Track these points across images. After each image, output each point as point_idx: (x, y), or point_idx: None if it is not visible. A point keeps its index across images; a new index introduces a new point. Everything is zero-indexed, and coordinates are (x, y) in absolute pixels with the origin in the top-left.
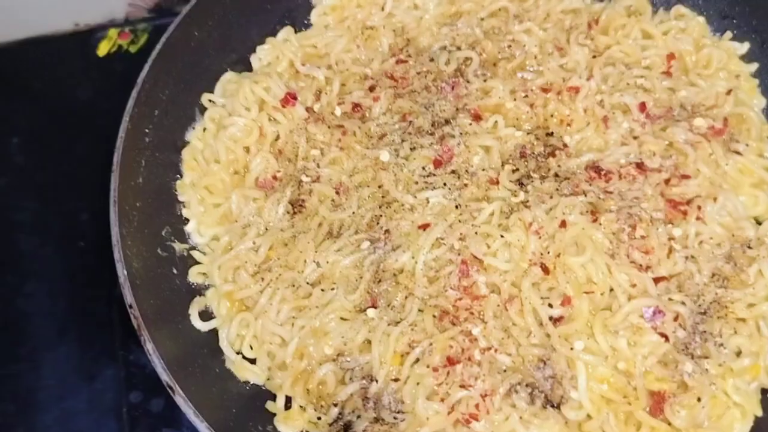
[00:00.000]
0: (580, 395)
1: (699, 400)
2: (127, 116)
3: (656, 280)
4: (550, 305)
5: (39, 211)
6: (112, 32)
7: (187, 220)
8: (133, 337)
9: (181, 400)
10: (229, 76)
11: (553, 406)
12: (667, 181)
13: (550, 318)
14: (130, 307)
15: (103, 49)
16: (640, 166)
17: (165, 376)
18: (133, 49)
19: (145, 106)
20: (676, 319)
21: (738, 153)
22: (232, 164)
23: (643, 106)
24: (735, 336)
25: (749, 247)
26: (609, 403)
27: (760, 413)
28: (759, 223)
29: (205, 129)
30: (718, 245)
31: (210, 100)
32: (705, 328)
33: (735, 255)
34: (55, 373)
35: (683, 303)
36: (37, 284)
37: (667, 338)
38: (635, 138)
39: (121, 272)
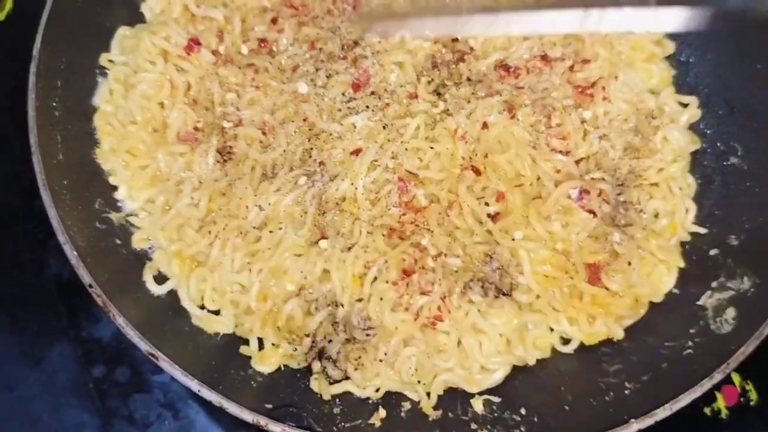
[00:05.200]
0: (527, 279)
1: (629, 264)
2: (32, 93)
3: (576, 162)
4: (487, 203)
5: None
6: None
7: (117, 187)
8: (83, 313)
9: (167, 365)
10: (123, 31)
11: (504, 294)
12: (571, 68)
13: (489, 215)
14: (90, 286)
15: None
16: (544, 57)
17: (145, 346)
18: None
19: (47, 79)
20: (600, 195)
21: (629, 31)
22: (150, 122)
23: None
24: (651, 200)
25: (653, 117)
26: (553, 281)
27: (682, 264)
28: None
29: (111, 91)
30: (626, 120)
31: (110, 60)
32: (625, 198)
33: (641, 127)
34: None
35: (603, 179)
36: None
37: (594, 214)
38: None
39: (71, 254)
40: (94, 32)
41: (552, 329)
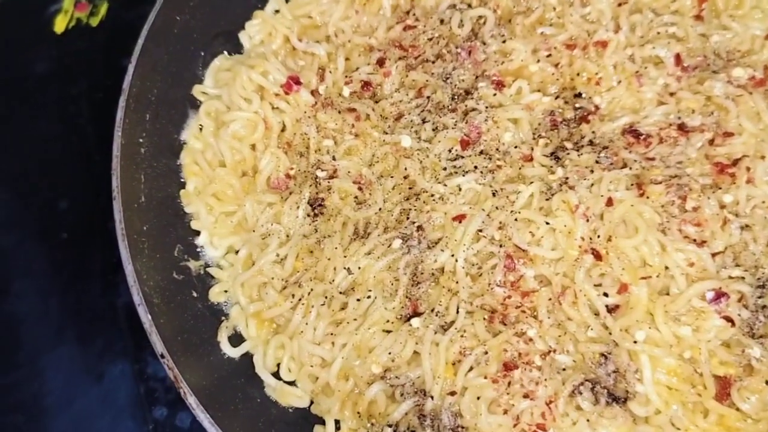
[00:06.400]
0: (647, 389)
1: (767, 383)
2: (119, 130)
3: (712, 256)
4: (606, 294)
5: (12, 203)
6: (68, 3)
7: (198, 232)
8: (148, 349)
9: None
10: (220, 62)
11: (617, 401)
12: (710, 142)
13: (607, 308)
14: (162, 356)
15: (60, 24)
16: (681, 126)
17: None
18: (93, 22)
19: (135, 113)
20: (740, 299)
21: None
22: (240, 165)
23: (678, 59)
24: None
25: None
26: (676, 394)
27: None
28: None
29: (201, 126)
30: None
31: (203, 92)
32: (765, 303)
33: None
34: (60, 375)
35: (743, 278)
36: (23, 283)
37: (732, 322)
38: (672, 95)
39: (146, 318)
40: (188, 61)
41: None
